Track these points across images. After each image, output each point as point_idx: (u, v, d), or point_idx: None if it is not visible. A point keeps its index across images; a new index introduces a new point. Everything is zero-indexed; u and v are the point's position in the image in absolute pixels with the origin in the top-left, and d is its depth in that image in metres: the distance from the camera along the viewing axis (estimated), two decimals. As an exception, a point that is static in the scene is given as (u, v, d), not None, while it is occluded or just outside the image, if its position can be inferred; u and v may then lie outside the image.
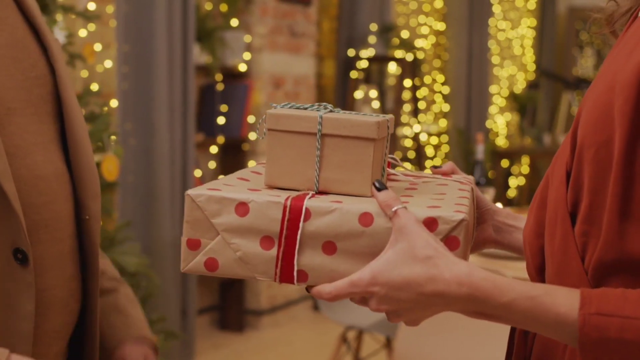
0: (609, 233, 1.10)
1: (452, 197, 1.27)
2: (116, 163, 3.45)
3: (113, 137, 3.49)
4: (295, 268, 1.19)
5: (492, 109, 9.76)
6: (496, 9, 9.69)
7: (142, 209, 4.66)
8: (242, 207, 1.20)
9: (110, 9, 4.48)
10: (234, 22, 5.63)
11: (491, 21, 9.27)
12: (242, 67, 5.66)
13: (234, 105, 5.66)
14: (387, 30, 7.14)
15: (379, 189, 1.19)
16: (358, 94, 6.95)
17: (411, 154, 8.19)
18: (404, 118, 7.61)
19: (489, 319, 1.12)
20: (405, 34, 7.62)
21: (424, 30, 8.62)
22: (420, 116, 7.92)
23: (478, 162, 4.24)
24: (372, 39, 7.02)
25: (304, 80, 6.20)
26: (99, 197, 1.46)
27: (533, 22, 10.79)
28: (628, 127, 1.08)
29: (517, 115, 10.29)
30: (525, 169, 10.30)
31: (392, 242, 1.14)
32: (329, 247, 1.18)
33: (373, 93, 7.00)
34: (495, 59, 9.86)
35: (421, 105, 8.15)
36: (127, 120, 4.58)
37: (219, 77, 5.61)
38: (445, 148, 8.87)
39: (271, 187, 1.28)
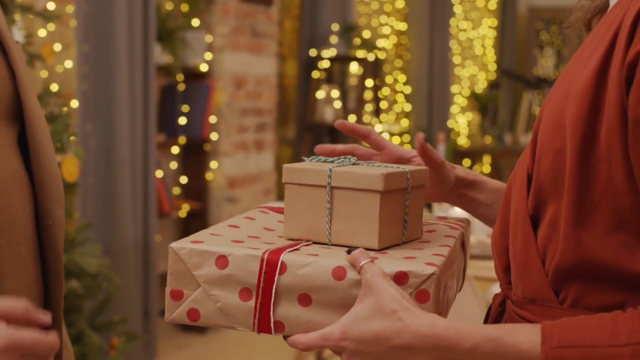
0: (565, 239, 1.13)
1: (433, 247, 1.30)
2: (76, 164, 3.44)
3: (73, 138, 3.47)
4: (272, 319, 1.23)
5: (454, 109, 9.81)
6: (457, 9, 9.73)
7: (103, 210, 4.63)
8: (221, 260, 1.24)
9: (70, 8, 4.45)
10: (195, 22, 5.62)
11: (452, 21, 9.32)
12: (204, 67, 5.64)
13: (196, 105, 5.64)
14: (349, 30, 7.15)
15: (349, 252, 1.21)
16: (320, 94, 6.96)
17: (373, 154, 8.20)
18: (366, 118, 7.62)
19: None
20: (366, 34, 7.63)
21: (386, 30, 8.65)
22: (382, 116, 7.94)
23: (439, 162, 4.26)
24: (333, 39, 7.03)
25: (265, 80, 6.20)
26: (62, 203, 1.44)
27: (494, 22, 10.85)
28: (580, 136, 1.10)
29: (478, 114, 10.35)
30: (486, 168, 10.36)
31: (360, 296, 1.17)
32: (305, 299, 1.21)
33: (335, 93, 7.00)
34: (456, 59, 9.90)
35: (383, 105, 8.17)
36: (88, 121, 4.55)
37: (180, 77, 5.60)
38: (407, 148, 8.89)
39: (289, 239, 1.33)
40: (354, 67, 7.33)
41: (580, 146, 1.10)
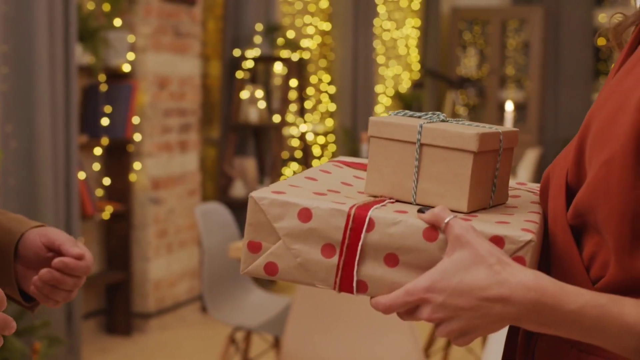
0: (619, 252, 1.09)
1: (523, 213, 1.23)
2: (-5, 166, 3.38)
3: (-8, 140, 3.41)
4: (355, 278, 1.16)
5: (378, 108, 9.87)
6: (381, 9, 9.79)
7: (25, 213, 4.56)
8: (305, 213, 1.17)
9: (-12, 8, 4.38)
10: (117, 22, 5.56)
11: (376, 21, 9.36)
12: (126, 68, 5.59)
13: (118, 106, 5.59)
14: (273, 30, 7.15)
15: (421, 211, 1.14)
16: (244, 94, 6.95)
17: (298, 154, 8.22)
18: (290, 118, 7.63)
19: (550, 329, 1.08)
20: (290, 34, 7.64)
21: (310, 30, 8.66)
22: (307, 116, 7.95)
23: (363, 161, 4.28)
24: (257, 39, 7.02)
25: (189, 80, 6.17)
26: None
27: (417, 22, 10.94)
28: (635, 147, 1.07)
29: (402, 114, 10.41)
30: (411, 167, 10.43)
31: (448, 252, 1.10)
32: (391, 259, 1.14)
33: (259, 93, 7.00)
34: (380, 59, 9.96)
35: (307, 105, 8.18)
36: (8, 122, 4.48)
37: (102, 77, 5.54)
38: (332, 147, 8.93)
39: (371, 195, 1.26)
40: (278, 67, 7.33)
41: (635, 156, 1.07)
